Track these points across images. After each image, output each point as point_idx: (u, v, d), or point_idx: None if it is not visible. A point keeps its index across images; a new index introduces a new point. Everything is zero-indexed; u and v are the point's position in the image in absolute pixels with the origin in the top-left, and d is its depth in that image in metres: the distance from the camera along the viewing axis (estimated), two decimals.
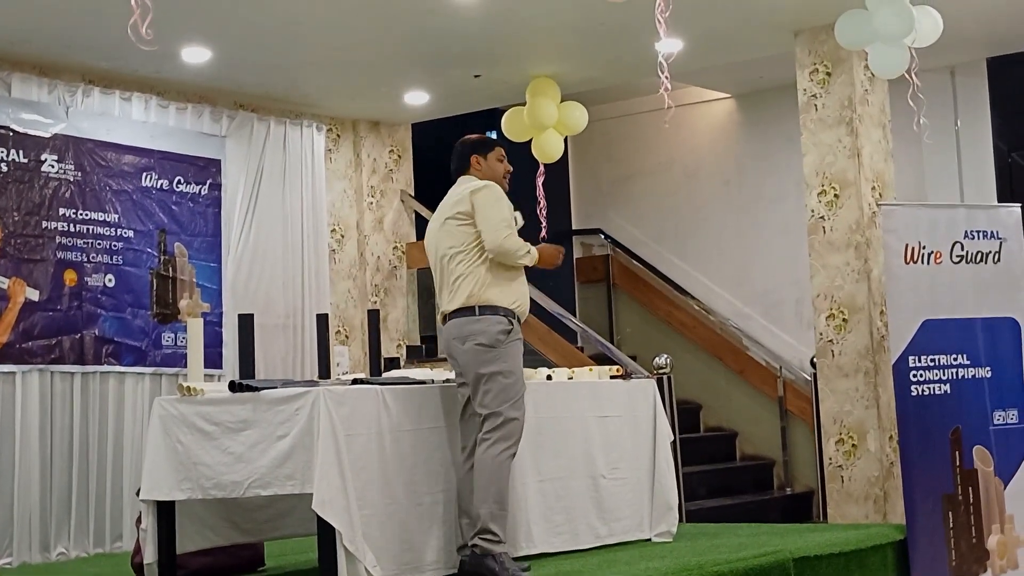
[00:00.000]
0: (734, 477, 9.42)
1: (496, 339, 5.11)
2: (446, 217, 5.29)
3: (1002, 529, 6.59)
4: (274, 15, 7.04)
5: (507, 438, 5.07)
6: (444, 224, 5.29)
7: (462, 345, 5.12)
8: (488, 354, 5.09)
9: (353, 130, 9.44)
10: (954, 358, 6.69)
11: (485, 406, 5.08)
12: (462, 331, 5.13)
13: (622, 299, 10.63)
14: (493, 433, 5.06)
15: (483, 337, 5.09)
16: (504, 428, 5.06)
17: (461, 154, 5.47)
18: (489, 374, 5.08)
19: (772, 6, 7.31)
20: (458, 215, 5.24)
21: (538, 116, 8.49)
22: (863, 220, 7.51)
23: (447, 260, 5.23)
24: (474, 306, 5.13)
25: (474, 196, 5.22)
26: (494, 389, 5.08)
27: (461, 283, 5.17)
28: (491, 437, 5.05)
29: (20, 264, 7.17)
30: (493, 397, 5.07)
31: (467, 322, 5.12)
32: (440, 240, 5.30)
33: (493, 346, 5.10)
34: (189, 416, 5.04)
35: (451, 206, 5.31)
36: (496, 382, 5.08)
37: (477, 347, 5.09)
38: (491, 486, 5.02)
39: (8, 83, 7.27)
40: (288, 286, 8.59)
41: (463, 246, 5.20)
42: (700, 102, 10.19)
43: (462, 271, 5.18)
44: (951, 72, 9.14)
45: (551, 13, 7.26)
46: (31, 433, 7.10)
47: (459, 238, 5.21)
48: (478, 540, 5.01)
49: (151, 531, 5.14)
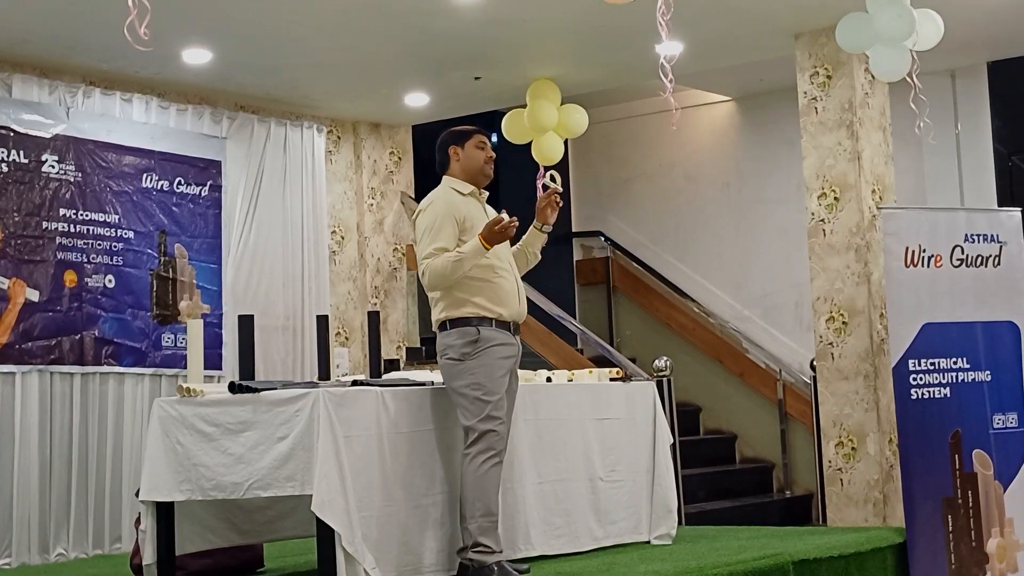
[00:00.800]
0: (734, 480, 9.42)
1: (462, 352, 5.09)
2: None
3: (1002, 533, 6.59)
4: (275, 17, 7.04)
5: (486, 450, 5.06)
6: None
7: (440, 360, 5.19)
8: (456, 367, 5.11)
9: (353, 132, 9.44)
10: (954, 362, 6.69)
11: (463, 419, 5.11)
12: (438, 346, 5.20)
13: (622, 301, 10.63)
14: (472, 448, 5.06)
15: (451, 352, 5.12)
16: (481, 441, 5.06)
17: (440, 149, 5.46)
18: (459, 388, 5.10)
19: (772, 9, 7.31)
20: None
21: (538, 118, 8.50)
22: (863, 223, 7.51)
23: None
24: (445, 320, 5.17)
25: (414, 225, 5.30)
26: (465, 403, 5.09)
27: (437, 301, 5.21)
28: (471, 451, 5.06)
29: (20, 265, 7.17)
30: (466, 411, 5.08)
31: (441, 337, 5.19)
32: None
33: (460, 360, 5.10)
34: (189, 417, 5.03)
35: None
36: (466, 396, 5.08)
37: (447, 361, 5.14)
38: (477, 501, 5.03)
39: (9, 84, 7.27)
40: (288, 287, 8.59)
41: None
42: (700, 105, 10.19)
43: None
44: (952, 75, 9.15)
45: (551, 16, 7.26)
46: (31, 434, 7.10)
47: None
48: (472, 555, 5.03)
49: (150, 532, 5.13)
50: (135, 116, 7.86)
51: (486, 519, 5.03)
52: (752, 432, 9.71)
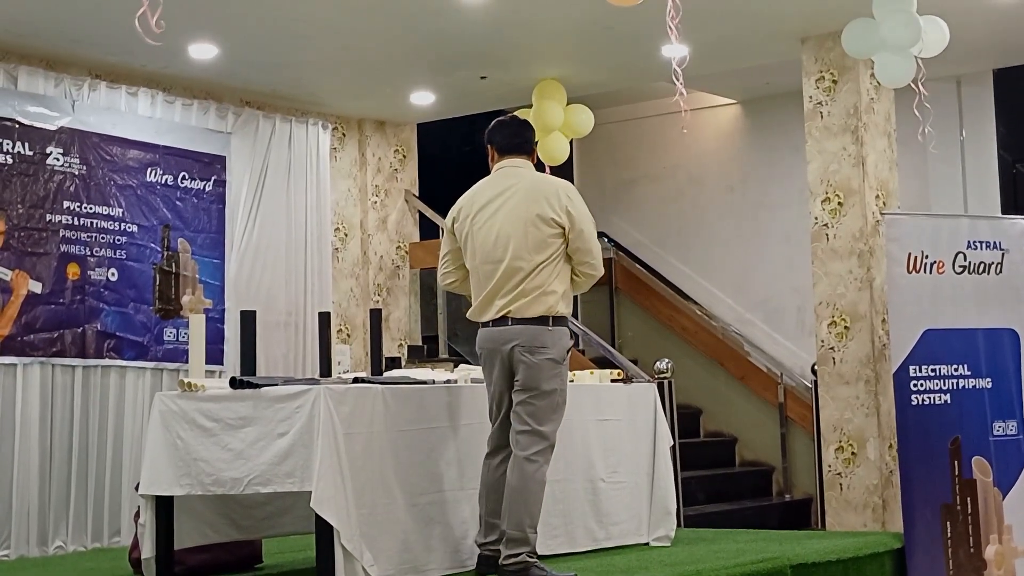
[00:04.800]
0: (733, 483, 9.42)
1: (563, 355, 5.03)
2: (535, 214, 4.98)
3: (1000, 540, 6.59)
4: (281, 13, 7.04)
5: (549, 460, 5.03)
6: (531, 224, 4.98)
7: (531, 356, 4.95)
8: (554, 370, 4.99)
9: (358, 129, 9.45)
10: (955, 368, 6.69)
11: (535, 421, 4.97)
12: (534, 341, 4.95)
13: (624, 303, 10.63)
14: (540, 456, 4.96)
15: (554, 352, 4.97)
16: (550, 451, 5.01)
17: (525, 131, 5.23)
18: (549, 391, 4.98)
19: (779, 13, 7.31)
20: (552, 221, 4.99)
21: (544, 119, 8.49)
22: (866, 228, 7.51)
23: (524, 264, 4.97)
24: (549, 317, 4.98)
25: (572, 206, 5.02)
26: (548, 408, 4.99)
27: (541, 294, 4.97)
28: (539, 460, 4.95)
29: (23, 257, 7.18)
30: (546, 416, 4.98)
31: (541, 332, 4.96)
32: (518, 240, 4.98)
33: (560, 362, 5.01)
34: (189, 412, 5.03)
35: (542, 203, 5.00)
36: (552, 399, 5.00)
37: (548, 361, 4.97)
38: (535, 506, 4.96)
39: (15, 76, 7.28)
40: (291, 284, 8.60)
41: (550, 258, 4.99)
42: (706, 107, 10.19)
43: (543, 281, 4.97)
44: (957, 82, 9.15)
45: (558, 16, 7.26)
46: (31, 426, 7.10)
47: (548, 249, 4.98)
48: (526, 557, 4.93)
49: (149, 526, 5.13)
50: (140, 110, 7.86)
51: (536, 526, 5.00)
52: (752, 435, 9.71)
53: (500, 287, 5.00)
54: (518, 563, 4.94)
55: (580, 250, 5.03)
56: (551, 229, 4.99)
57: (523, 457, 4.95)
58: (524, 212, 5.00)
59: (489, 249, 5.04)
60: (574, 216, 5.02)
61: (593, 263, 5.07)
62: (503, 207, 5.05)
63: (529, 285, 4.96)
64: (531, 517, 4.94)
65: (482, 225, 5.08)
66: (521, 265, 4.97)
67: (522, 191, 5.05)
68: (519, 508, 4.93)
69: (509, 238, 4.99)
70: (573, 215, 5.01)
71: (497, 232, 5.03)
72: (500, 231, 5.02)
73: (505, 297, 4.99)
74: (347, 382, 5.05)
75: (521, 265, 4.97)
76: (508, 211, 5.03)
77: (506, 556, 4.96)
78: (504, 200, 5.06)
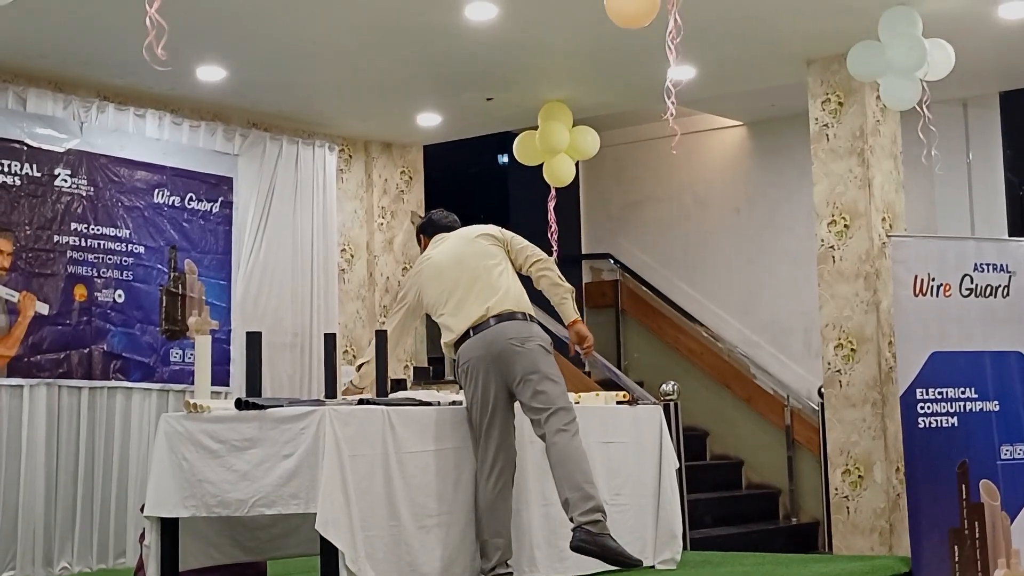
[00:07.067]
0: (739, 505, 9.39)
1: (550, 347, 5.49)
2: (473, 236, 5.66)
3: (1008, 564, 6.56)
4: (288, 35, 7.07)
5: (578, 433, 5.32)
6: (472, 242, 5.63)
7: (523, 345, 5.36)
8: (548, 357, 5.42)
9: (365, 151, 9.47)
10: (962, 391, 6.68)
11: (552, 402, 5.30)
12: (522, 332, 5.40)
13: (630, 324, 10.62)
14: (572, 425, 5.30)
15: (541, 340, 5.43)
16: (576, 420, 5.33)
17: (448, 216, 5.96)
18: (551, 374, 5.36)
19: (785, 35, 7.33)
20: (488, 235, 5.66)
21: (550, 140, 8.51)
22: (873, 251, 7.50)
23: (480, 269, 5.51)
24: (525, 312, 5.46)
25: (492, 228, 5.72)
26: (556, 388, 5.34)
27: (508, 290, 5.48)
28: (571, 428, 5.28)
29: (31, 278, 7.19)
30: (557, 394, 5.33)
31: (526, 324, 5.43)
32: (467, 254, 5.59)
33: (549, 352, 5.45)
34: (195, 433, 5.03)
35: (475, 231, 5.72)
36: (557, 382, 5.36)
37: (540, 348, 5.40)
38: (586, 464, 5.25)
39: (23, 98, 7.31)
40: (297, 305, 8.60)
41: (500, 262, 5.57)
42: (712, 129, 10.21)
43: (506, 281, 5.51)
44: (963, 105, 9.15)
45: (564, 38, 7.28)
46: (37, 447, 7.10)
47: (495, 256, 5.58)
48: (599, 516, 5.16)
49: (154, 548, 5.13)
50: (148, 132, 7.89)
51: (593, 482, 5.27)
52: (759, 458, 9.69)
53: (467, 292, 5.48)
54: (593, 519, 5.16)
55: (521, 249, 5.66)
56: (490, 240, 5.65)
57: (557, 429, 5.27)
58: (465, 237, 5.69)
59: (444, 269, 5.58)
60: (502, 231, 5.73)
61: (538, 254, 5.65)
62: (443, 245, 5.70)
63: (496, 283, 5.49)
64: (584, 474, 5.20)
65: (431, 264, 5.66)
66: (479, 273, 5.51)
67: (455, 234, 5.76)
68: (572, 469, 5.20)
69: (460, 255, 5.59)
70: (500, 232, 5.71)
71: (447, 257, 5.61)
72: (449, 255, 5.61)
73: (478, 298, 5.43)
74: (352, 403, 5.05)
75: (479, 273, 5.51)
76: (450, 244, 5.67)
77: (581, 514, 5.15)
78: (442, 242, 5.73)
